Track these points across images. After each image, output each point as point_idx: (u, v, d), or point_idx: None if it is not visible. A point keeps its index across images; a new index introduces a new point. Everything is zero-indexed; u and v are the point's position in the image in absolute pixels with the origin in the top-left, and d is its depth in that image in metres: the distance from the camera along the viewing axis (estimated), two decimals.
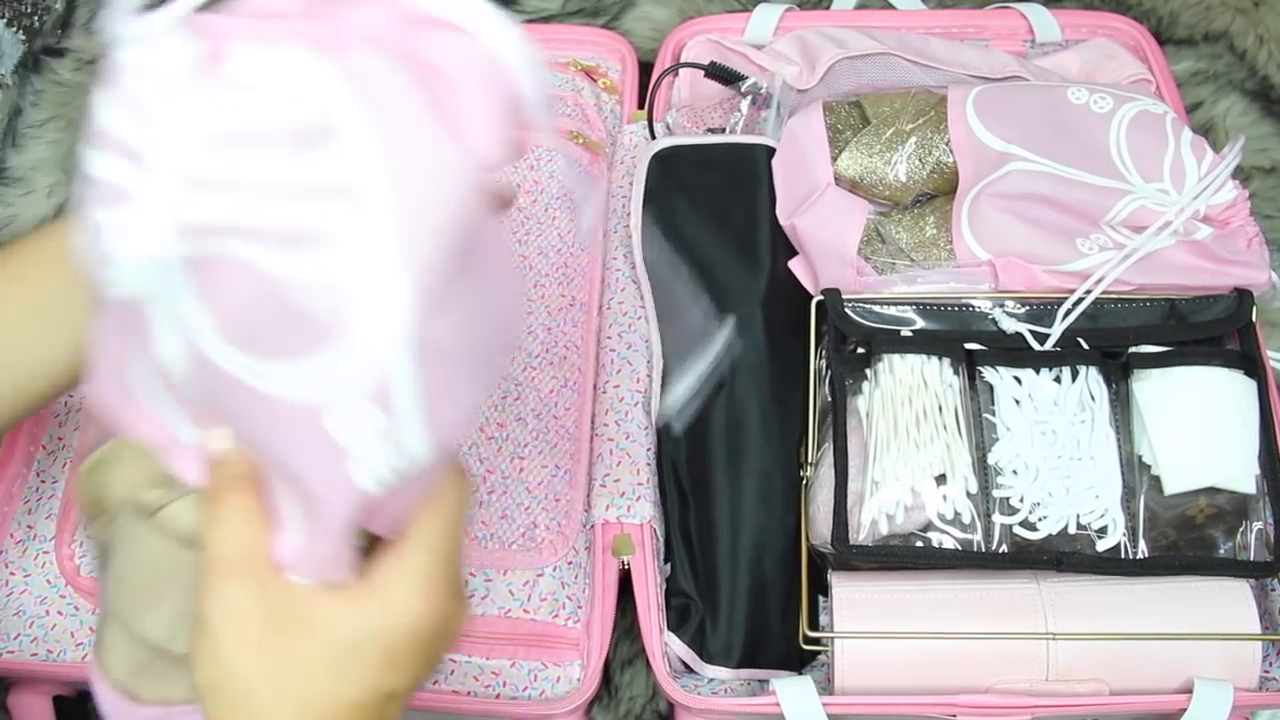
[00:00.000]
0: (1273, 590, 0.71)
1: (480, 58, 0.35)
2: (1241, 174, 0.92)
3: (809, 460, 0.72)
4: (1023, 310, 0.74)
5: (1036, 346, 0.73)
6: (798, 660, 0.72)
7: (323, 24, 0.34)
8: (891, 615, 0.68)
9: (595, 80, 0.84)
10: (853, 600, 0.68)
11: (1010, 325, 0.73)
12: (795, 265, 0.77)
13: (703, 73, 0.84)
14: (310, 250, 0.33)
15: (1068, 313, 0.73)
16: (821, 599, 0.73)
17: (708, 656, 0.70)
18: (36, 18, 0.94)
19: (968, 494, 0.68)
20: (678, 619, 0.70)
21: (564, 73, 0.81)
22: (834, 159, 0.79)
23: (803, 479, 0.72)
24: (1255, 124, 0.93)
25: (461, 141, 0.34)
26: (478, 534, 0.69)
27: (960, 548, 0.68)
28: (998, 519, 0.68)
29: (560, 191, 0.77)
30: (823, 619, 0.72)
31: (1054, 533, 0.68)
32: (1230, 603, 0.68)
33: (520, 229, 0.75)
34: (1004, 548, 0.68)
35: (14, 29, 0.91)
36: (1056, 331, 0.73)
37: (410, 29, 0.34)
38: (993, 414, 0.71)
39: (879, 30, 0.88)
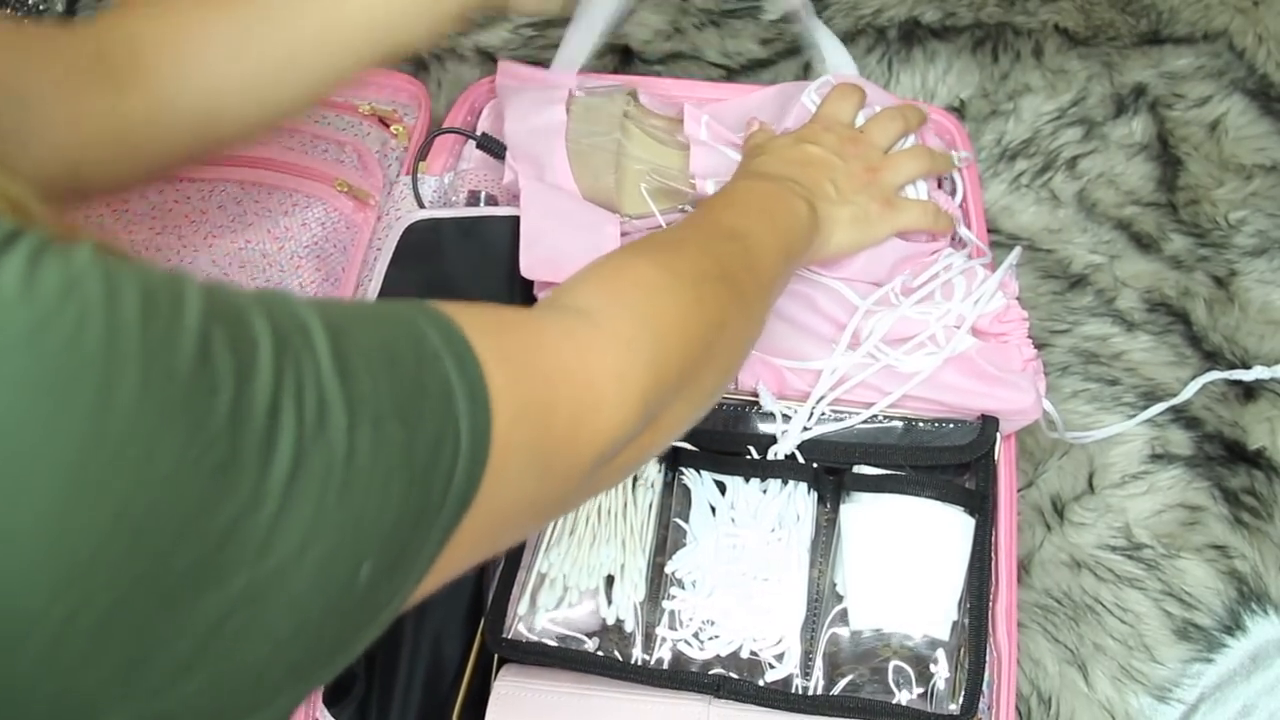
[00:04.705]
0: None
1: None
2: (1244, 172, 0.88)
3: None
4: (754, 411, 0.70)
5: (754, 454, 0.69)
6: None
7: None
8: (545, 718, 0.65)
9: (388, 126, 0.82)
10: (509, 698, 0.65)
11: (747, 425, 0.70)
12: None
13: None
14: None
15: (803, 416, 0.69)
16: None
17: None
18: (37, 16, 0.98)
19: (636, 601, 0.65)
20: (333, 693, 0.68)
21: (351, 116, 0.80)
22: None
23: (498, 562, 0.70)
24: (1255, 122, 0.91)
25: None
26: None
27: (617, 656, 0.64)
28: (663, 631, 0.65)
29: (310, 240, 0.76)
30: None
31: (722, 654, 0.64)
32: None
33: (260, 275, 0.74)
34: (664, 663, 0.64)
35: None
36: (786, 447, 0.68)
37: None
38: (685, 520, 0.67)
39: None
